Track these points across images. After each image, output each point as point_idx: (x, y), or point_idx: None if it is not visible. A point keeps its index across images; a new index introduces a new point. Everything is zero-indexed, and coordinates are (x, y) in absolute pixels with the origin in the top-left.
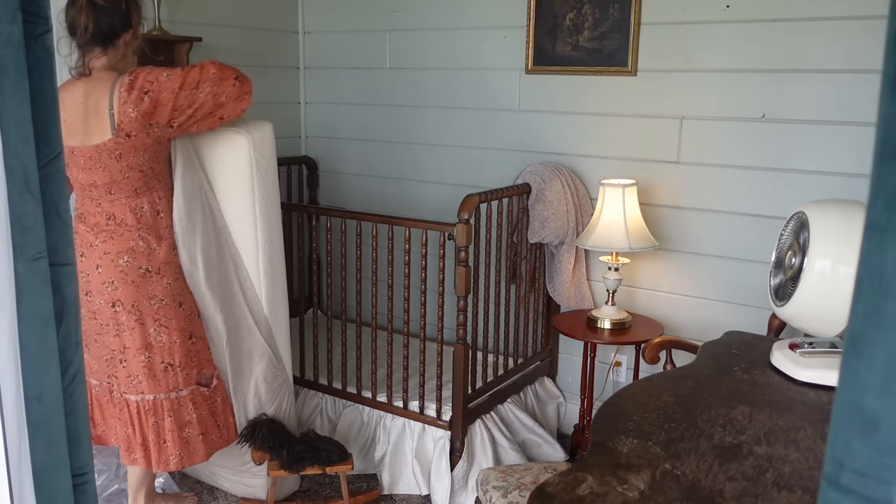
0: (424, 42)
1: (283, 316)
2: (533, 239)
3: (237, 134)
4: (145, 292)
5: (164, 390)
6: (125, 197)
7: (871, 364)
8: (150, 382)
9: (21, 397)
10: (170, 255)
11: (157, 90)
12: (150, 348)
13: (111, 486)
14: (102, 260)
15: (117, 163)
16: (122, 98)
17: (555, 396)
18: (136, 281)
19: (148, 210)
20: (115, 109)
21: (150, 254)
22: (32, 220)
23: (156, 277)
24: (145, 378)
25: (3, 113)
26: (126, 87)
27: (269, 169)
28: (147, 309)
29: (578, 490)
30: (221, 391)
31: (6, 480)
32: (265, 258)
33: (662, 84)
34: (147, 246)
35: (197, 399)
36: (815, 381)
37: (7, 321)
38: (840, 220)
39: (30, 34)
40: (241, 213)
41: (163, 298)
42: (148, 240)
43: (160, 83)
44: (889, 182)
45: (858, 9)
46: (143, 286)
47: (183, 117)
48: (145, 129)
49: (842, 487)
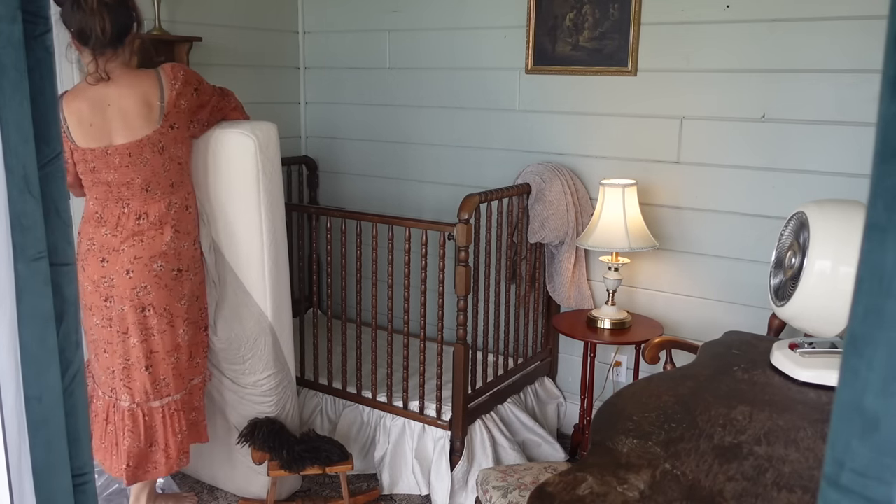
0: (424, 42)
1: (287, 316)
2: (533, 239)
3: (243, 136)
4: (177, 294)
5: (185, 384)
6: (161, 192)
7: (871, 364)
8: (177, 382)
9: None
10: (194, 251)
11: (203, 90)
12: (179, 349)
13: (111, 485)
14: (134, 265)
15: (160, 155)
16: (177, 90)
17: (555, 396)
18: (169, 284)
19: (179, 205)
20: (166, 100)
21: (181, 252)
22: (32, 220)
23: (186, 276)
24: (173, 379)
25: (3, 113)
26: (182, 80)
27: (273, 170)
28: (177, 310)
29: (578, 490)
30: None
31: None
32: (270, 258)
33: (662, 84)
34: (178, 245)
35: (202, 386)
36: (815, 381)
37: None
38: (840, 220)
39: (30, 34)
40: (246, 213)
41: (188, 295)
42: (178, 238)
43: (203, 84)
44: (889, 182)
45: (858, 9)
46: (175, 288)
47: (214, 120)
48: (188, 122)
49: (842, 487)
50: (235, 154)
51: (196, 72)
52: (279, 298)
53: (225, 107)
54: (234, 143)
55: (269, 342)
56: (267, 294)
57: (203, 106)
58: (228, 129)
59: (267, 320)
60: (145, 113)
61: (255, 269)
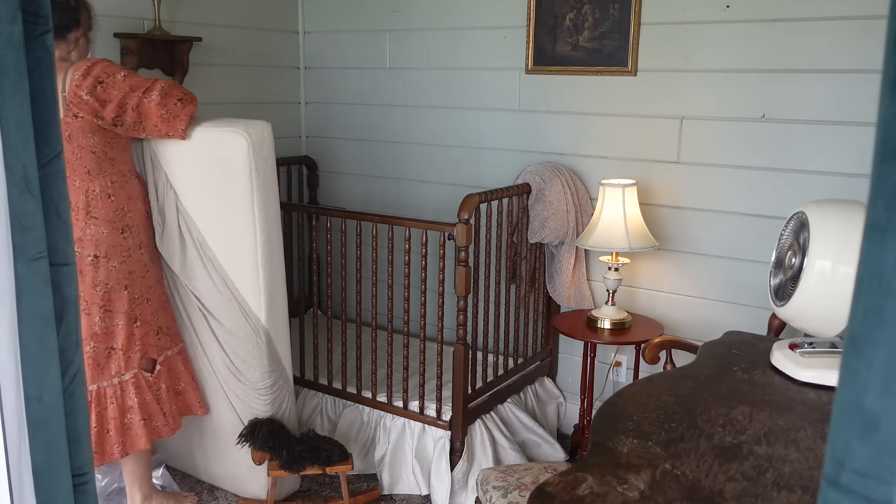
0: (424, 42)
1: (283, 316)
2: (533, 239)
3: (235, 134)
4: (91, 281)
5: (107, 377)
6: (79, 180)
7: (871, 364)
8: (95, 372)
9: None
10: (116, 238)
11: (110, 83)
12: (96, 337)
13: (111, 485)
14: None
15: (68, 144)
16: (76, 81)
17: (555, 396)
18: (84, 270)
19: (99, 192)
20: (66, 92)
21: (98, 238)
22: (32, 220)
23: (103, 262)
24: (90, 368)
25: (3, 113)
26: (82, 71)
27: (267, 169)
28: (92, 297)
29: (578, 490)
30: (167, 378)
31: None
32: (264, 258)
33: (662, 84)
34: (95, 231)
35: (140, 384)
36: (815, 381)
37: (7, 321)
38: (840, 220)
39: (30, 34)
40: (240, 213)
41: (107, 283)
42: (96, 224)
43: (115, 78)
44: (889, 182)
45: (858, 9)
46: (91, 275)
47: (129, 120)
48: (92, 115)
49: (842, 487)
50: (227, 153)
51: (119, 67)
52: (273, 299)
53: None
54: (226, 142)
55: (262, 342)
56: (261, 295)
57: (108, 101)
58: (220, 128)
59: (261, 322)
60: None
61: (249, 270)
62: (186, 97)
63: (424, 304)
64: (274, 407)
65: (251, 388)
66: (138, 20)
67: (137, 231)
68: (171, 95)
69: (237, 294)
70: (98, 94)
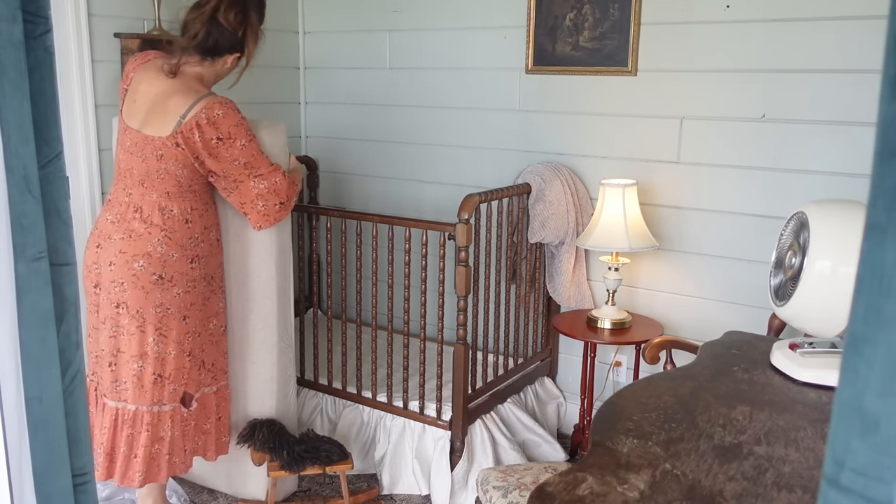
0: (424, 42)
1: (290, 317)
2: (533, 239)
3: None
4: (153, 299)
5: (147, 402)
6: (157, 194)
7: (871, 364)
8: (137, 392)
9: (21, 397)
10: (184, 266)
11: (228, 145)
12: (145, 357)
13: (111, 485)
14: (117, 259)
15: (157, 161)
16: (200, 120)
17: (555, 396)
18: (147, 287)
19: (178, 214)
20: (186, 119)
21: (167, 261)
22: (32, 220)
23: (167, 285)
24: (133, 387)
25: (3, 113)
26: (211, 118)
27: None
28: (151, 317)
29: (578, 490)
30: (196, 415)
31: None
32: (278, 260)
33: (662, 84)
34: (165, 252)
35: (175, 417)
36: (815, 381)
37: (7, 321)
38: (840, 220)
39: (30, 34)
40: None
41: (169, 308)
42: (168, 245)
43: (234, 143)
44: (889, 182)
45: (858, 9)
46: (153, 293)
47: (223, 184)
48: (195, 156)
49: (842, 487)
50: None
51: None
52: (285, 299)
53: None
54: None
55: (273, 341)
56: (274, 294)
57: (216, 158)
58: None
59: (273, 318)
60: (168, 119)
61: (263, 270)
62: (286, 204)
63: (424, 304)
64: (279, 408)
65: (259, 378)
66: (138, 20)
67: (205, 262)
68: (276, 194)
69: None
70: (211, 147)
